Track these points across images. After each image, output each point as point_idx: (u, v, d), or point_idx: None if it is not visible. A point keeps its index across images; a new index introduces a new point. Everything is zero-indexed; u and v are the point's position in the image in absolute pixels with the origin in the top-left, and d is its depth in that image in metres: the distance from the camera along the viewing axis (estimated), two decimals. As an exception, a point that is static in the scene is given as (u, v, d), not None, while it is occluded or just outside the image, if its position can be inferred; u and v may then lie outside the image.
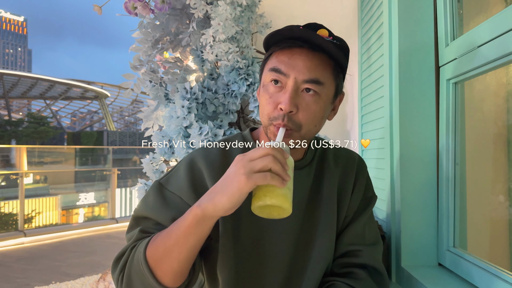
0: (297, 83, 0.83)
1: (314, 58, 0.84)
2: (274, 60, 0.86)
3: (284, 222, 0.89)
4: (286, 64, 0.83)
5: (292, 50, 0.84)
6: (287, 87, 0.83)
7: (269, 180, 0.68)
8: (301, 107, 0.83)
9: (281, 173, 0.69)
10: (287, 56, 0.84)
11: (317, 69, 0.83)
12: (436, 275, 1.17)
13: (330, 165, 0.99)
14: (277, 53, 0.86)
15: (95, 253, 6.40)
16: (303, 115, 0.84)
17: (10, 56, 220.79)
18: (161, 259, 0.78)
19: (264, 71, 0.89)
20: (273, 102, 0.85)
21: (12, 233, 7.23)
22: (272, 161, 0.69)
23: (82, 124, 61.73)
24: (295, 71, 0.83)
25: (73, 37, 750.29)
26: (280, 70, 0.83)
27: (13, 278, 5.10)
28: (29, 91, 37.79)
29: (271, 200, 0.70)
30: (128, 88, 1.54)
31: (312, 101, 0.84)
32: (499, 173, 1.27)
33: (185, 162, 0.94)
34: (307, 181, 0.96)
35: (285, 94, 0.83)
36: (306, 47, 0.83)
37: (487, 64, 0.99)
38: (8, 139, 35.74)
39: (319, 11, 2.01)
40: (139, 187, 1.65)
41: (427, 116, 1.28)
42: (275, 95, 0.85)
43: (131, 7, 1.44)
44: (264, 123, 0.88)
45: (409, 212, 1.27)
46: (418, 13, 1.29)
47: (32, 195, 10.18)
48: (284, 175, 0.70)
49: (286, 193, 0.71)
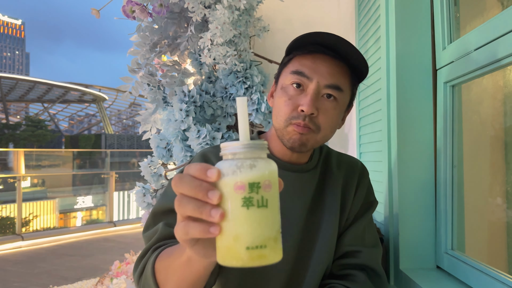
0: (319, 87, 0.85)
1: (336, 65, 0.86)
2: (296, 64, 0.87)
3: (287, 225, 0.90)
4: (309, 68, 0.85)
5: (316, 55, 0.86)
6: (308, 90, 0.85)
7: (189, 233, 0.47)
8: (321, 111, 0.85)
9: (198, 214, 0.46)
10: (310, 60, 0.86)
11: (338, 76, 0.86)
12: (434, 277, 1.17)
13: (333, 170, 1.01)
14: (300, 57, 0.88)
15: (93, 257, 6.38)
16: (322, 119, 0.86)
17: (7, 59, 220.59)
18: (165, 280, 0.72)
19: (283, 74, 0.91)
20: (292, 104, 0.86)
21: (10, 236, 7.21)
22: (184, 203, 0.47)
23: (80, 127, 61.63)
24: (318, 75, 0.85)
25: (71, 40, 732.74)
26: (304, 73, 0.85)
27: (10, 282, 5.07)
28: (26, 94, 37.69)
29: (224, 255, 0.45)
30: (126, 91, 1.54)
31: (331, 106, 0.86)
32: (496, 175, 1.27)
33: (198, 156, 0.96)
34: (311, 184, 0.98)
35: (306, 96, 0.85)
36: (329, 54, 0.86)
37: (483, 67, 1.00)
38: (6, 142, 35.64)
39: (317, 15, 2.01)
40: (137, 191, 1.65)
41: (424, 119, 1.28)
42: (295, 97, 0.86)
43: (129, 11, 1.44)
44: (279, 125, 0.88)
45: (407, 215, 1.27)
46: (415, 17, 1.30)
47: (29, 198, 10.15)
48: (206, 215, 0.45)
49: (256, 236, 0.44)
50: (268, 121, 1.55)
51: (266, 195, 0.45)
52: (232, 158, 0.46)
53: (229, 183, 0.44)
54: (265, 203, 0.44)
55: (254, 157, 0.46)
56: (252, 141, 0.46)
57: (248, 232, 0.43)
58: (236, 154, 0.46)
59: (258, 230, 0.44)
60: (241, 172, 0.44)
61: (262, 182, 0.44)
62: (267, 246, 0.44)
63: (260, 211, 0.44)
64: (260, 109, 1.49)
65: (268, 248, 0.44)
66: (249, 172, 0.44)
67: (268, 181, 0.45)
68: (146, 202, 1.63)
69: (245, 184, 0.44)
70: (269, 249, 0.44)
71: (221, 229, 0.44)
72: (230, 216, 0.44)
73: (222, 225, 0.45)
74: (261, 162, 0.46)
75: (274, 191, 0.46)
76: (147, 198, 1.62)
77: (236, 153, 0.46)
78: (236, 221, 0.44)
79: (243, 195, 0.44)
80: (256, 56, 1.74)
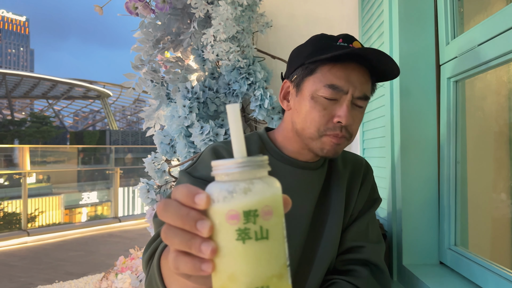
0: (353, 99, 0.87)
1: (365, 74, 0.89)
2: (329, 76, 0.87)
3: (294, 220, 0.92)
4: (344, 80, 0.86)
5: (347, 65, 0.87)
6: (342, 101, 0.87)
7: (180, 269, 0.40)
8: (353, 119, 0.89)
9: (187, 248, 0.38)
10: (342, 71, 0.86)
11: (367, 85, 0.90)
12: (438, 273, 1.17)
13: (339, 168, 1.02)
14: (330, 67, 0.87)
15: (98, 252, 6.43)
16: (354, 126, 0.90)
17: (12, 56, 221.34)
18: (169, 280, 0.67)
19: (310, 81, 0.89)
20: (328, 115, 0.87)
21: (16, 232, 7.27)
22: (171, 236, 0.39)
23: (85, 124, 61.83)
24: (352, 87, 0.86)
25: (76, 36, 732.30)
26: (339, 88, 0.86)
27: (16, 278, 5.12)
28: (31, 90, 37.85)
29: None
30: (130, 87, 1.55)
31: (360, 113, 0.91)
32: (500, 171, 1.27)
33: (208, 150, 0.95)
34: (319, 182, 0.99)
35: (342, 107, 0.86)
36: (359, 62, 0.87)
37: (487, 62, 0.99)
38: (11, 138, 35.85)
39: (320, 10, 2.00)
40: (141, 187, 1.66)
41: (428, 115, 1.28)
42: (329, 108, 0.87)
43: (132, 7, 1.44)
44: (311, 134, 0.89)
45: (410, 211, 1.27)
46: (419, 12, 1.29)
47: (35, 194, 10.22)
48: (195, 250, 0.37)
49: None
50: (272, 117, 1.55)
51: (266, 225, 0.36)
52: (224, 180, 0.38)
53: (220, 212, 0.36)
54: (265, 235, 0.36)
55: (250, 178, 0.37)
56: (248, 158, 0.38)
57: (245, 271, 0.35)
58: (229, 175, 0.37)
59: (258, 268, 0.36)
60: (234, 198, 0.36)
61: (261, 209, 0.36)
62: (270, 286, 0.36)
63: (260, 245, 0.36)
64: (263, 105, 1.49)
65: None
66: (243, 197, 0.36)
67: (268, 207, 0.36)
68: (150, 198, 1.63)
69: (239, 212, 0.35)
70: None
71: (214, 266, 0.37)
72: (223, 252, 0.36)
73: (216, 262, 0.37)
74: (259, 184, 0.37)
75: (277, 218, 0.37)
76: (151, 194, 1.63)
77: (228, 174, 0.38)
78: (230, 257, 0.36)
79: (237, 226, 0.35)
80: (259, 52, 1.74)
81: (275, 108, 1.54)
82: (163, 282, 0.68)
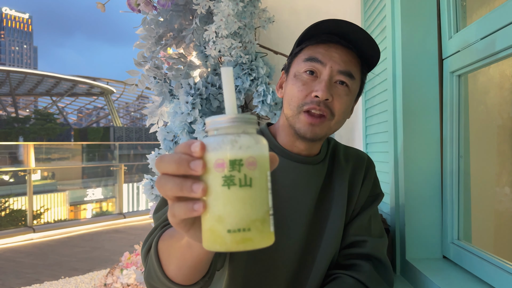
0: (332, 73, 0.87)
1: (348, 53, 0.89)
2: (309, 52, 0.89)
3: (296, 216, 0.93)
4: (323, 54, 0.87)
5: (328, 44, 0.88)
6: (322, 76, 0.87)
7: (176, 215, 0.44)
8: (335, 96, 0.87)
9: (179, 191, 0.42)
10: (323, 48, 0.88)
11: (351, 64, 0.88)
12: (441, 267, 1.17)
13: (341, 163, 1.03)
14: (312, 46, 0.90)
15: (103, 248, 6.47)
16: (337, 104, 0.87)
17: (16, 53, 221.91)
18: (168, 261, 0.70)
19: (294, 63, 0.92)
20: (306, 90, 0.87)
21: (22, 229, 7.33)
22: (163, 182, 0.43)
23: (89, 120, 61.96)
24: (331, 61, 0.86)
25: (80, 33, 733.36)
26: (317, 59, 0.87)
27: (23, 274, 5.17)
28: (35, 88, 37.96)
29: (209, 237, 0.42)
30: (133, 84, 1.55)
31: (344, 92, 0.88)
32: (503, 165, 1.27)
33: None
34: (320, 176, 0.99)
35: (320, 83, 0.86)
36: (342, 43, 0.88)
37: (490, 56, 0.99)
38: (16, 136, 36.03)
39: (322, 5, 2.00)
40: (145, 183, 1.67)
41: (430, 109, 1.28)
42: (308, 84, 0.87)
43: (134, 4, 1.44)
44: (291, 112, 0.89)
45: (413, 205, 1.28)
46: (421, 6, 1.28)
47: (40, 191, 10.28)
48: (187, 190, 0.42)
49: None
50: (274, 113, 1.55)
51: (250, 174, 0.40)
52: (214, 134, 0.43)
53: (209, 161, 0.41)
54: (248, 182, 0.40)
55: (238, 132, 0.42)
56: (238, 115, 0.42)
57: (230, 213, 0.40)
58: (219, 129, 0.42)
59: (241, 211, 0.40)
60: (221, 149, 0.40)
61: (245, 160, 0.40)
62: (252, 229, 0.40)
63: (243, 191, 0.40)
64: (266, 101, 1.50)
65: (253, 231, 0.40)
66: (230, 148, 0.40)
67: (252, 159, 0.41)
68: (154, 194, 1.64)
69: (226, 161, 0.40)
70: (255, 232, 0.40)
71: (205, 209, 0.41)
72: (212, 196, 0.41)
73: (206, 206, 0.41)
74: (245, 138, 0.41)
75: (262, 169, 0.42)
76: (155, 190, 1.64)
77: (218, 128, 0.42)
78: (218, 201, 0.40)
79: (224, 173, 0.40)
80: (262, 47, 1.74)
81: (278, 103, 1.54)
82: (161, 267, 0.70)
